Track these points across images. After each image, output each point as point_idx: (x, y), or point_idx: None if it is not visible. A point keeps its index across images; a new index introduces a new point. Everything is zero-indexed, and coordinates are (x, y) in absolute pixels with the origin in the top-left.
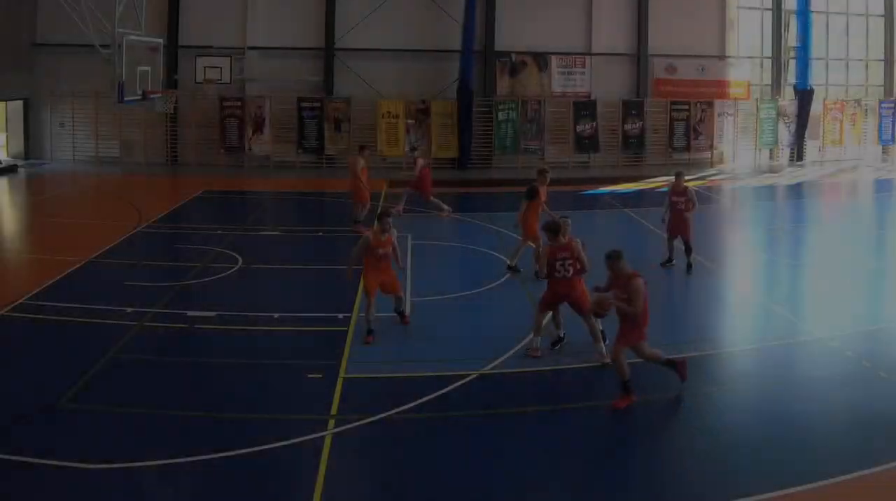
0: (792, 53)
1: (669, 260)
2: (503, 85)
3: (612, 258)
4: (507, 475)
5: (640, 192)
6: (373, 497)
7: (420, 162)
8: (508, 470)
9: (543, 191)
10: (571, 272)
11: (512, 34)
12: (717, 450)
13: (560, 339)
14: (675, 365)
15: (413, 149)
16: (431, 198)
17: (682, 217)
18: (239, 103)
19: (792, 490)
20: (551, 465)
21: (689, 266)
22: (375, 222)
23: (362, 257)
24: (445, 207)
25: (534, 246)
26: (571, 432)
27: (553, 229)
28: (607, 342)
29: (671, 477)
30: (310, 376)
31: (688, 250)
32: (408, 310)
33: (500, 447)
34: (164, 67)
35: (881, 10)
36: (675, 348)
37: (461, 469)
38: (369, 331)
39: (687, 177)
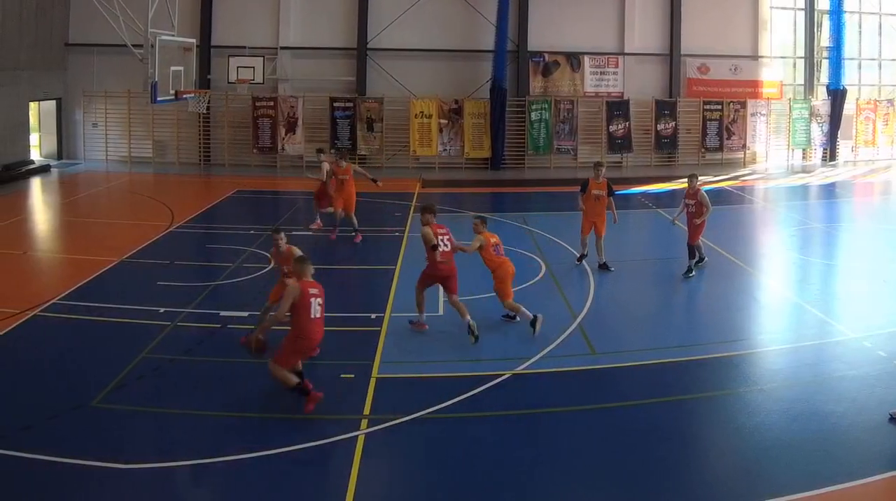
0: (825, 53)
1: (690, 270)
2: (536, 85)
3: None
4: (541, 474)
5: (673, 192)
6: (405, 497)
7: (325, 165)
8: (541, 470)
9: (595, 184)
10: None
11: (545, 34)
12: (749, 450)
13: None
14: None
15: (319, 150)
16: (332, 209)
17: (691, 221)
18: (271, 103)
19: (823, 490)
20: (584, 465)
21: (689, 270)
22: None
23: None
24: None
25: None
26: (604, 431)
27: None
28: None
29: (703, 477)
30: (342, 376)
31: (691, 254)
32: (440, 310)
33: (533, 447)
34: (197, 67)
35: None
36: (708, 347)
37: (494, 469)
38: None
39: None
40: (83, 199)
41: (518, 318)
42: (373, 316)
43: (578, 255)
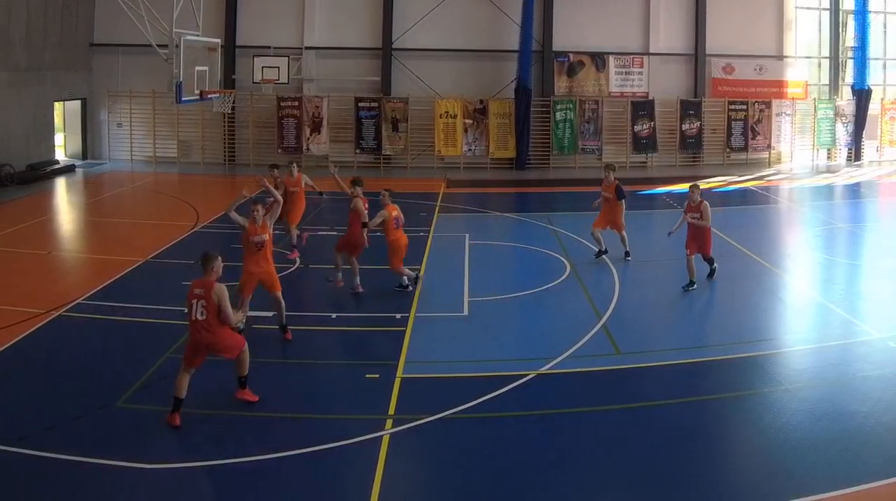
0: (849, 53)
1: (691, 282)
2: (561, 85)
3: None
4: (565, 474)
5: None
6: (429, 497)
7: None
8: (566, 471)
9: (604, 186)
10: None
11: (569, 34)
12: (774, 450)
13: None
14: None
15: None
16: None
17: (700, 232)
18: (296, 103)
19: (849, 490)
20: (609, 464)
21: (712, 272)
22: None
23: None
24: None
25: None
26: (629, 432)
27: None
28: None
29: (728, 477)
30: (367, 376)
31: (710, 262)
32: (465, 311)
33: (558, 447)
34: (222, 67)
35: None
36: (733, 347)
37: (518, 469)
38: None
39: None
40: (108, 199)
41: (409, 285)
42: (397, 316)
43: (596, 250)
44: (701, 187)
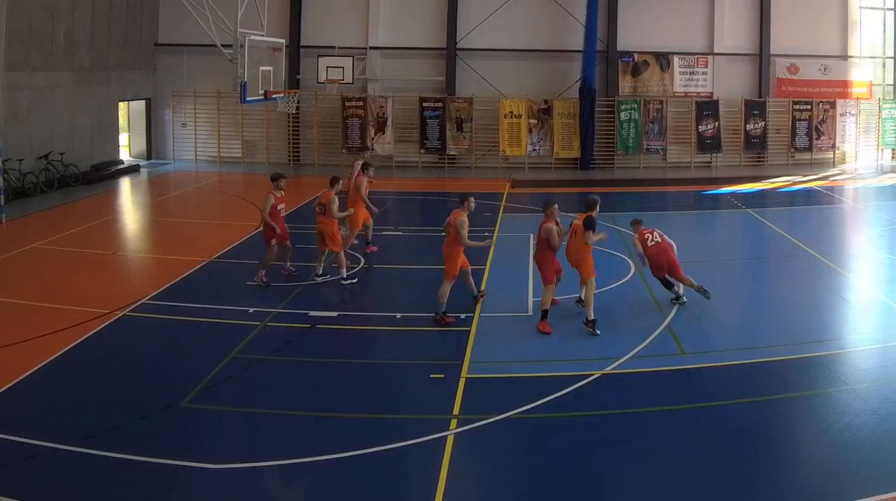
0: None
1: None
2: (625, 85)
3: None
4: (629, 475)
5: (763, 192)
6: (494, 497)
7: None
8: (630, 470)
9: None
10: None
11: (634, 34)
12: (838, 450)
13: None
14: None
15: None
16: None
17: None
18: (361, 103)
19: None
20: (673, 465)
21: (678, 297)
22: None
23: None
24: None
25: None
26: (693, 432)
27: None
28: None
29: (793, 477)
30: (432, 376)
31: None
32: (529, 311)
33: (622, 447)
34: (287, 67)
35: None
36: (797, 347)
37: (582, 469)
38: None
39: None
40: (172, 199)
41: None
42: (462, 316)
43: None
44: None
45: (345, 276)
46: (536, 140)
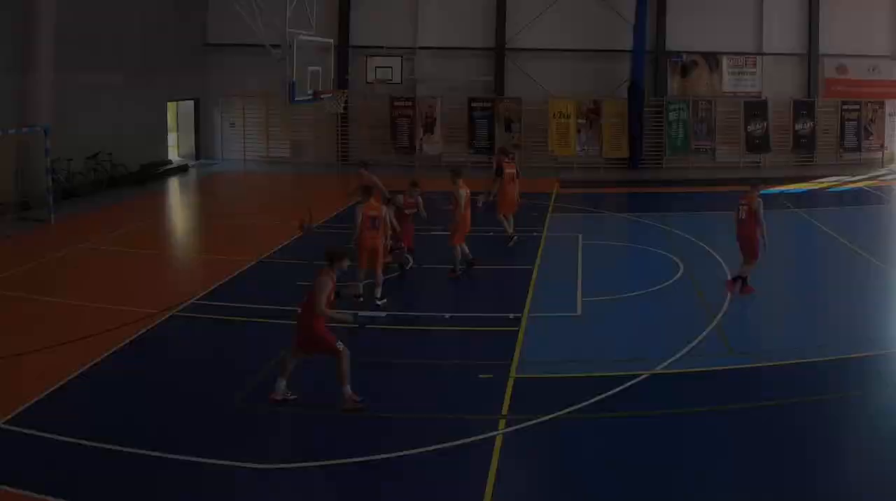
0: None
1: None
2: (674, 85)
3: None
4: (680, 475)
5: (812, 193)
6: (543, 497)
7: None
8: (679, 471)
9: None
10: None
11: (682, 34)
12: (890, 452)
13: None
14: None
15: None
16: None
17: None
18: (409, 103)
19: None
20: (723, 465)
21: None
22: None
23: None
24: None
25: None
26: (743, 433)
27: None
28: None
29: (847, 479)
30: (481, 376)
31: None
32: (578, 310)
33: (671, 447)
34: (335, 67)
35: None
36: (847, 348)
37: (631, 469)
38: None
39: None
40: (221, 199)
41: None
42: (511, 316)
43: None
44: None
45: (380, 296)
46: (585, 140)
